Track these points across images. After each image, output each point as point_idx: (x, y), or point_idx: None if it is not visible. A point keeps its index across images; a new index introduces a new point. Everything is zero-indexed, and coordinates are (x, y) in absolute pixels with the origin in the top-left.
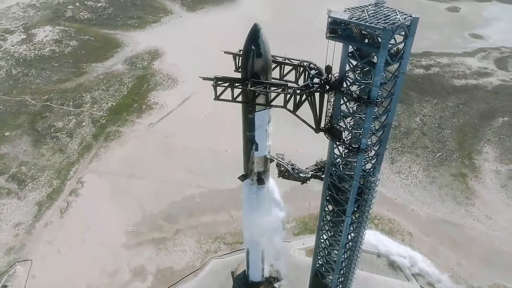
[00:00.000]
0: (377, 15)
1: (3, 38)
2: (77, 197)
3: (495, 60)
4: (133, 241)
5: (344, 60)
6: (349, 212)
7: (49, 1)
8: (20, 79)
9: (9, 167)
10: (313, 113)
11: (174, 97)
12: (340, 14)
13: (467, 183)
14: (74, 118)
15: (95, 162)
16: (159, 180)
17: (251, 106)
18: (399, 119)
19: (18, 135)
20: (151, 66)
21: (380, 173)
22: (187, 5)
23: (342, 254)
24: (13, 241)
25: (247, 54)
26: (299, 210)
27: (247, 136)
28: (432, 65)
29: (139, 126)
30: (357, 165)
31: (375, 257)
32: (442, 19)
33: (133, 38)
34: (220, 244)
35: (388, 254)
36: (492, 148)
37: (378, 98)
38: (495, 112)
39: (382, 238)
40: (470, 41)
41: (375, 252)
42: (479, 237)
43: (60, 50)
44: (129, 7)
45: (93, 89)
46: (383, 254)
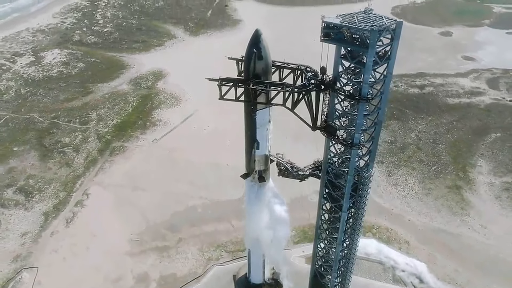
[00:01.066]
0: (365, 20)
1: (12, 60)
2: (82, 208)
3: (487, 80)
4: (136, 249)
5: (337, 61)
6: (345, 207)
7: (57, 26)
8: (29, 98)
9: (17, 180)
10: (310, 113)
11: (177, 114)
12: (332, 19)
13: (462, 195)
14: (80, 134)
15: (100, 175)
16: (162, 192)
17: (252, 105)
18: (395, 135)
19: (26, 150)
20: (155, 86)
21: (377, 185)
22: (190, 30)
23: (339, 252)
24: (20, 249)
25: (249, 57)
26: (298, 220)
27: (249, 135)
28: (426, 85)
29: (143, 142)
30: (351, 160)
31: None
32: (435, 42)
33: (138, 60)
34: (222, 252)
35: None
36: (485, 162)
37: (369, 95)
38: (488, 128)
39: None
40: (462, 63)
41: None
42: (475, 245)
43: (68, 71)
44: (134, 32)
45: (99, 107)
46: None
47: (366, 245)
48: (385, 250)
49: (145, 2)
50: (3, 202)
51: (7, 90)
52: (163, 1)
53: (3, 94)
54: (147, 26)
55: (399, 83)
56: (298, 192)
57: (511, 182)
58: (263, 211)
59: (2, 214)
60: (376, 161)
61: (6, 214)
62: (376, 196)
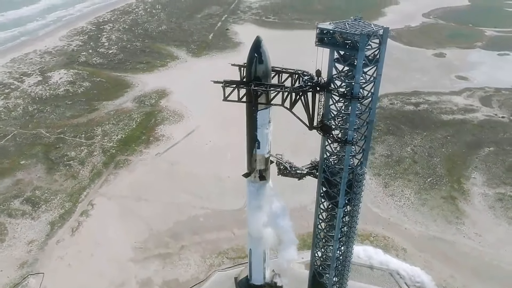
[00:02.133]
0: (355, 26)
1: (21, 80)
2: (87, 217)
3: (480, 98)
4: (140, 256)
5: (331, 64)
6: (341, 203)
7: (64, 49)
8: (36, 115)
9: (24, 191)
10: (306, 113)
11: (180, 130)
12: (326, 25)
13: (456, 205)
14: (86, 148)
15: (105, 187)
16: (165, 202)
17: (254, 106)
18: (391, 149)
19: (33, 163)
20: (158, 103)
21: (375, 196)
22: (192, 51)
23: (336, 249)
24: (26, 256)
25: (250, 61)
26: (298, 228)
27: (250, 135)
28: (421, 103)
29: (147, 156)
30: (345, 157)
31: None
32: (429, 63)
33: (142, 80)
34: (223, 258)
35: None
36: (479, 174)
37: (360, 94)
38: (481, 143)
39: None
40: (456, 82)
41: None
42: (470, 252)
43: (74, 90)
44: (138, 53)
45: (104, 123)
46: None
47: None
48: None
49: (148, 26)
50: (11, 212)
51: (15, 108)
52: (166, 25)
53: (11, 111)
54: (150, 48)
55: (395, 101)
56: (297, 202)
57: (504, 193)
58: (264, 209)
59: (9, 223)
60: (373, 173)
61: (13, 223)
62: (373, 206)
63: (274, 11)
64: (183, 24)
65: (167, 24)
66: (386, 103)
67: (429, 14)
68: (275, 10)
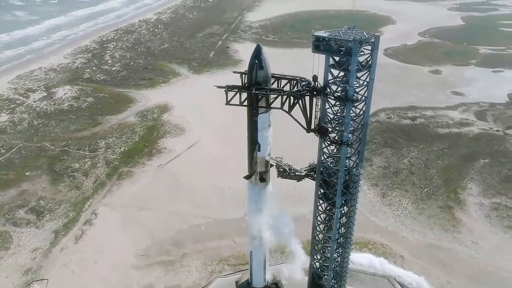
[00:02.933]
0: (349, 34)
1: (26, 95)
2: (91, 226)
3: (475, 113)
4: (142, 263)
5: (326, 69)
6: (338, 203)
7: (68, 66)
8: (41, 128)
9: (29, 201)
10: (304, 117)
11: (182, 143)
12: (321, 33)
13: (453, 214)
14: (90, 160)
15: (108, 197)
16: (167, 212)
17: (254, 109)
18: (388, 161)
19: (38, 174)
20: (160, 117)
21: (373, 205)
22: (193, 68)
23: (334, 249)
24: (31, 263)
25: (251, 67)
26: (297, 237)
27: (251, 137)
28: (417, 117)
29: (149, 167)
30: (341, 157)
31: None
32: (426, 80)
33: (145, 96)
34: (224, 265)
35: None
36: (475, 185)
37: (354, 97)
38: (477, 155)
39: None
40: (451, 97)
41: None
42: (466, 259)
43: (78, 105)
44: (141, 70)
45: (107, 136)
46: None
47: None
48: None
49: (151, 44)
50: (15, 221)
51: (20, 122)
52: (168, 44)
53: (17, 125)
54: (153, 65)
55: (392, 115)
56: (297, 212)
57: (499, 202)
58: (264, 210)
59: (14, 231)
60: (371, 184)
61: (18, 231)
62: (371, 215)
63: (274, 30)
64: (184, 43)
65: (169, 43)
66: (383, 117)
67: (424, 33)
68: (275, 30)
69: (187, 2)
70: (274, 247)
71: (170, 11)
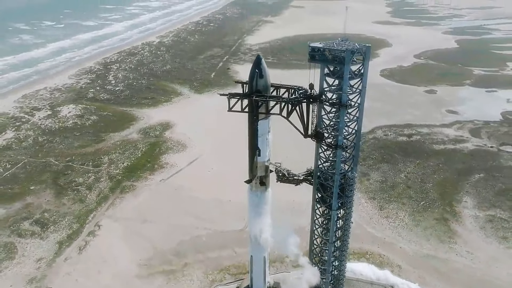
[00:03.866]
0: (342, 45)
1: (31, 114)
2: (94, 237)
3: (469, 130)
4: (145, 273)
5: (322, 78)
6: (334, 206)
7: (72, 86)
8: (45, 145)
9: (33, 214)
10: (302, 123)
11: (183, 159)
12: (317, 44)
13: (449, 226)
14: (93, 175)
15: (111, 210)
16: (169, 224)
17: (255, 115)
18: (385, 176)
19: (42, 188)
20: (162, 135)
21: (370, 217)
22: (194, 88)
23: (332, 252)
24: (35, 272)
25: (252, 76)
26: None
27: (252, 143)
28: (413, 134)
29: (152, 181)
30: (337, 160)
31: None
32: (421, 99)
33: (147, 114)
34: (225, 274)
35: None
36: (470, 198)
37: (347, 103)
38: (472, 170)
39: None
40: (446, 115)
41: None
42: (462, 269)
43: (82, 123)
44: (143, 90)
45: (110, 152)
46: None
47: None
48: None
49: (153, 66)
50: (20, 232)
51: (25, 138)
52: (170, 65)
53: (22, 141)
54: (155, 85)
55: (389, 132)
56: (297, 224)
57: (494, 215)
58: (264, 213)
59: (19, 242)
60: (368, 197)
61: (22, 242)
62: (369, 227)
63: (273, 52)
64: (186, 64)
65: (171, 64)
66: (380, 134)
67: (420, 56)
68: (274, 52)
69: (188, 26)
70: (274, 257)
71: (172, 35)
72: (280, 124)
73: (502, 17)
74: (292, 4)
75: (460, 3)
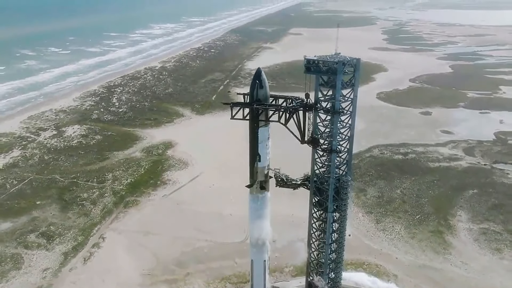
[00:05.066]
0: (335, 57)
1: (37, 134)
2: (99, 248)
3: (463, 149)
4: (148, 282)
5: (316, 88)
6: (330, 208)
7: (77, 108)
8: (51, 163)
9: (39, 227)
10: (298, 130)
11: (185, 175)
12: (312, 57)
13: (443, 238)
14: (98, 190)
15: (115, 223)
16: (171, 236)
17: (255, 123)
18: (382, 191)
19: (48, 203)
20: (165, 153)
21: (367, 230)
22: (196, 110)
23: (328, 253)
24: (41, 281)
25: (253, 86)
26: (295, 257)
27: (253, 149)
28: (409, 153)
29: (155, 197)
30: (331, 164)
31: None
32: (417, 120)
33: (150, 134)
34: (226, 283)
35: None
36: (464, 212)
37: (340, 110)
38: (465, 186)
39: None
40: (441, 135)
41: None
42: (457, 278)
43: (86, 142)
44: (146, 112)
45: (114, 169)
46: None
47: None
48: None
49: (156, 89)
50: (27, 244)
51: (31, 156)
52: (172, 88)
53: (28, 159)
54: (158, 107)
55: (385, 151)
56: (295, 237)
57: (487, 228)
58: (264, 218)
59: (25, 253)
60: (365, 211)
61: (29, 254)
62: (366, 239)
63: (272, 76)
64: (188, 88)
65: (173, 88)
66: (377, 152)
67: (415, 80)
68: (273, 76)
69: (190, 52)
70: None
71: (174, 60)
72: (279, 133)
73: (494, 44)
74: (291, 31)
75: (454, 31)
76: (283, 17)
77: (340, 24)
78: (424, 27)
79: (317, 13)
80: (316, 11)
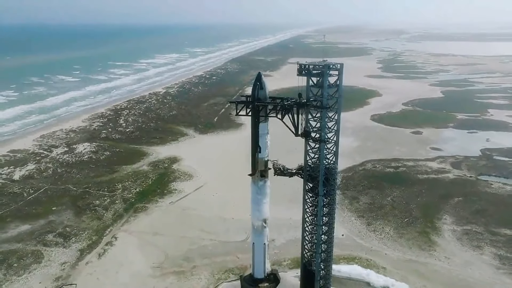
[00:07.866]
0: (322, 63)
1: (49, 150)
2: (112, 246)
3: (451, 163)
4: (158, 273)
5: (308, 88)
6: (321, 191)
7: (86, 128)
8: (64, 175)
9: (56, 228)
10: (293, 124)
11: (190, 186)
12: (304, 62)
13: (429, 237)
14: (109, 198)
15: (126, 225)
16: (178, 236)
17: (256, 118)
18: (373, 199)
19: (63, 209)
20: (171, 167)
21: (359, 231)
22: (199, 130)
23: (320, 234)
24: (60, 273)
25: (254, 87)
26: (293, 253)
27: (254, 142)
28: (400, 166)
29: (162, 203)
30: (321, 153)
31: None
32: (408, 139)
33: (156, 150)
34: (229, 274)
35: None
36: (449, 216)
37: (328, 106)
38: (452, 194)
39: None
40: (430, 152)
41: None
42: (440, 270)
43: (96, 157)
44: (152, 131)
45: (123, 181)
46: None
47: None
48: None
49: (161, 111)
50: (46, 242)
51: (46, 169)
52: (176, 111)
53: (43, 172)
54: (163, 127)
55: (377, 165)
56: (292, 236)
57: (470, 229)
58: (264, 203)
59: (45, 250)
60: (357, 215)
61: (48, 250)
62: (358, 239)
63: None
64: (191, 110)
65: (177, 110)
66: (369, 166)
67: (408, 103)
68: None
69: (192, 79)
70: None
71: (177, 86)
72: (277, 132)
73: (485, 72)
74: (290, 61)
75: (447, 60)
76: (282, 48)
77: (337, 53)
78: (418, 57)
79: (315, 45)
80: (314, 42)
